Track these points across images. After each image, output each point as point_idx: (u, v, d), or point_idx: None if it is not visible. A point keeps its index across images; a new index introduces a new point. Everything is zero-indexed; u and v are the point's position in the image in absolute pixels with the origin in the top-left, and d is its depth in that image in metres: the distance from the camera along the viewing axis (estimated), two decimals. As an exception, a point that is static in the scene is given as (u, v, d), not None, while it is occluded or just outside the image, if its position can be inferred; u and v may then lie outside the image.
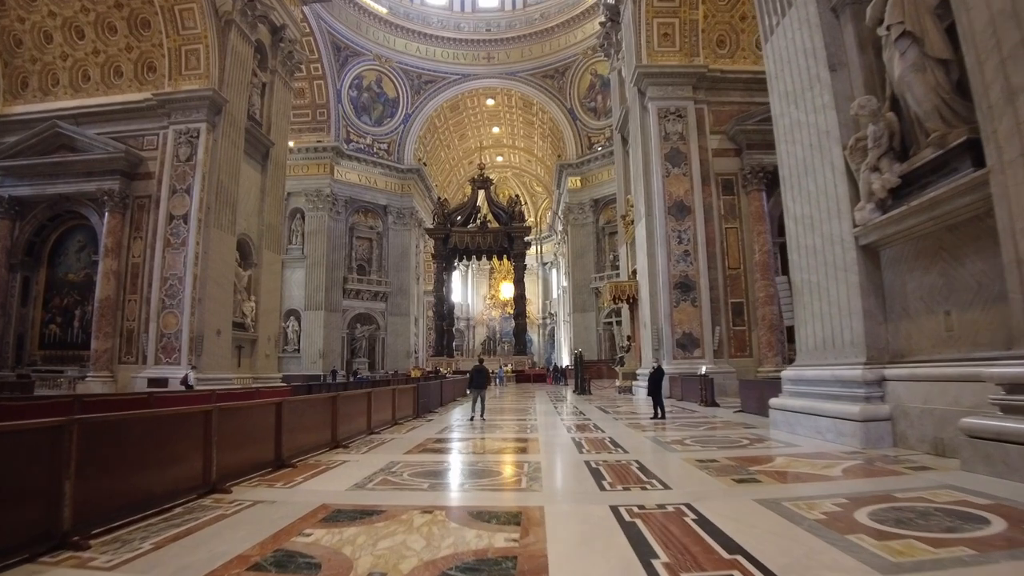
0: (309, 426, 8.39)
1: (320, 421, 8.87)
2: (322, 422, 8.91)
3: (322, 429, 8.88)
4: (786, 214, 11.04)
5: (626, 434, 10.56)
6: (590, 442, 9.48)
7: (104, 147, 23.67)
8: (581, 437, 10.17)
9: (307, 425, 8.32)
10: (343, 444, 9.24)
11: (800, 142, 10.36)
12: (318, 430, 8.74)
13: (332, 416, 9.16)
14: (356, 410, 10.46)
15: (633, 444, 9.17)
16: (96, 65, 25.70)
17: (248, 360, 25.90)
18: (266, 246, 27.62)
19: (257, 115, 27.85)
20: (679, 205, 22.19)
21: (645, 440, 9.68)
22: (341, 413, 9.39)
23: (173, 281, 22.44)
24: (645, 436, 10.14)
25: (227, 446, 6.29)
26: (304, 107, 48.15)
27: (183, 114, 23.81)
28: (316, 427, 8.66)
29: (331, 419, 9.14)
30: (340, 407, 9.37)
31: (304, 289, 46.09)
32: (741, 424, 11.77)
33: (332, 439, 9.09)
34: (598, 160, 50.98)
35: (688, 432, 10.63)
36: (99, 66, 25.68)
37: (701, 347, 21.30)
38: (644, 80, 23.13)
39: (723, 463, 7.13)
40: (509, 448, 9.39)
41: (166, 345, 22.05)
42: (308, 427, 8.33)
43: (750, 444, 8.93)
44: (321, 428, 8.85)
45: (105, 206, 23.65)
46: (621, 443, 9.26)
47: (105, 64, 25.67)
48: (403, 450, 8.93)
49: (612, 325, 50.17)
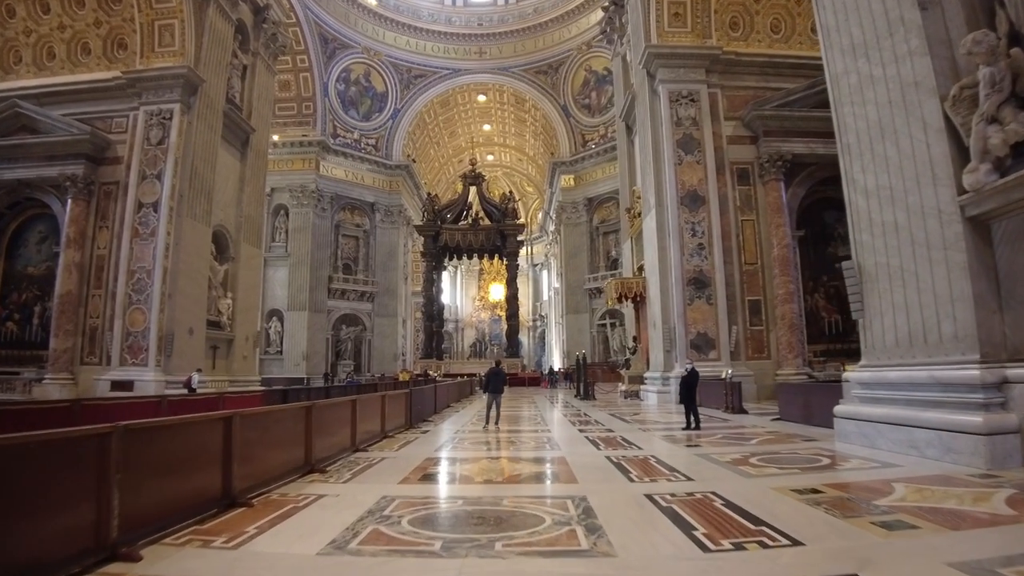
0: (275, 445, 6.55)
1: (290, 438, 6.97)
2: (292, 439, 7.02)
3: (293, 448, 7.00)
4: (851, 188, 9.39)
5: (668, 450, 8.83)
6: (632, 463, 7.67)
7: (68, 128, 21.68)
8: (617, 456, 8.32)
9: (272, 444, 6.48)
10: (320, 467, 7.39)
11: (873, 101, 8.74)
12: (287, 449, 6.86)
13: (306, 431, 7.24)
14: (337, 422, 8.55)
15: (687, 465, 7.41)
16: (62, 41, 23.70)
17: (224, 361, 23.98)
18: (245, 239, 25.74)
19: (237, 99, 25.98)
20: (692, 195, 20.58)
21: (698, 459, 7.94)
22: (318, 427, 7.51)
23: (141, 275, 20.50)
24: (694, 453, 8.40)
25: (140, 482, 4.34)
26: (289, 100, 46.32)
27: (155, 94, 21.90)
28: (285, 446, 6.80)
29: (305, 435, 7.22)
30: (316, 419, 7.47)
31: (287, 288, 44.08)
32: (796, 436, 10.10)
33: (306, 461, 7.21)
34: (592, 158, 49.65)
35: (741, 447, 8.91)
36: (65, 42, 23.68)
37: (717, 348, 19.68)
38: (654, 61, 21.53)
39: (829, 494, 5.45)
40: (534, 473, 7.53)
41: (132, 344, 20.09)
42: (273, 446, 6.50)
43: (832, 464, 7.26)
44: (291, 446, 6.97)
45: (68, 193, 21.64)
46: (672, 464, 7.47)
47: (72, 40, 23.67)
48: (398, 477, 7.05)
49: (607, 327, 48.74)
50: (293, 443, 7.01)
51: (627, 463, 7.63)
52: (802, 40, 23.33)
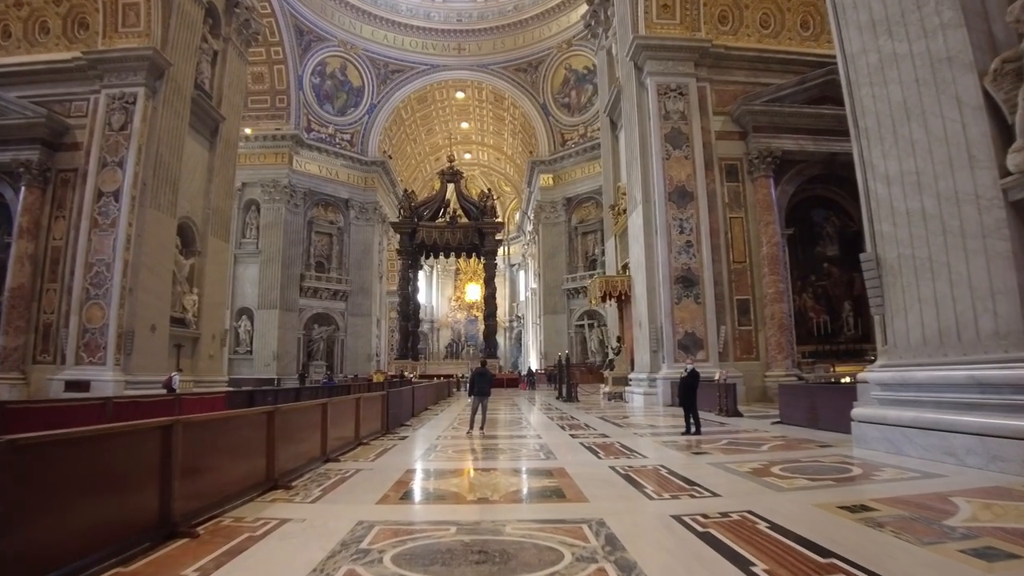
0: (229, 457, 5.59)
1: (248, 448, 5.95)
2: (251, 450, 6.00)
3: (252, 460, 5.98)
4: (869, 176, 8.76)
5: (677, 459, 8.03)
6: (643, 475, 6.83)
7: (22, 111, 20.28)
8: (623, 466, 7.45)
9: (226, 456, 5.53)
10: (285, 482, 6.38)
11: (897, 81, 8.10)
12: (245, 462, 5.85)
13: (268, 440, 6.21)
14: (305, 429, 7.51)
15: (705, 476, 6.54)
16: (18, 20, 22.28)
17: (189, 361, 22.76)
18: (212, 232, 24.54)
19: (206, 85, 24.80)
20: (680, 191, 19.97)
21: (713, 469, 7.10)
22: (283, 434, 6.49)
23: (100, 268, 19.25)
24: (706, 462, 7.58)
25: (39, 510, 3.36)
26: (263, 92, 45.01)
27: (118, 76, 20.65)
28: (242, 458, 5.80)
29: (267, 444, 6.20)
30: (281, 426, 6.43)
31: (258, 286, 42.66)
32: (808, 441, 9.41)
33: (268, 475, 6.17)
34: (572, 157, 49.15)
35: (754, 455, 8.19)
36: (22, 21, 22.26)
37: (705, 349, 19.07)
38: (642, 53, 20.90)
39: (885, 513, 4.70)
40: (534, 488, 6.49)
41: (89, 342, 18.83)
42: (228, 459, 5.55)
43: (866, 474, 6.53)
44: (250, 458, 5.95)
45: (21, 180, 20.26)
46: (687, 475, 6.68)
47: (29, 19, 22.26)
48: (376, 494, 6.01)
49: (585, 328, 48.23)
50: (252, 454, 5.99)
51: (636, 475, 6.81)
52: (791, 36, 22.96)
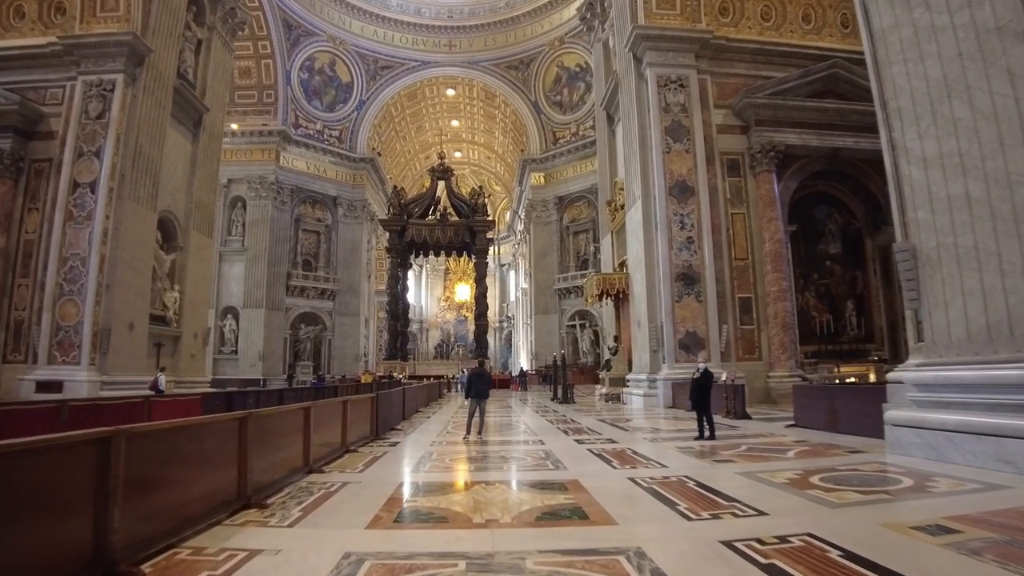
0: (190, 473, 4.72)
1: (215, 461, 5.09)
2: (219, 462, 5.13)
3: (219, 474, 5.11)
4: (902, 160, 8.12)
5: (700, 468, 7.27)
6: (670, 488, 6.01)
7: (-8, 98, 19.39)
8: (644, 478, 6.62)
9: (185, 472, 4.67)
10: (259, 500, 5.50)
11: (935, 55, 7.47)
12: (211, 477, 4.98)
13: (240, 450, 5.36)
14: (285, 435, 6.63)
15: (741, 490, 5.76)
16: (-9, 5, 21.35)
17: (170, 360, 21.82)
18: (195, 227, 23.64)
19: (190, 75, 23.91)
20: (681, 185, 19.34)
21: (746, 480, 6.36)
22: (257, 443, 5.63)
23: (75, 262, 18.32)
24: (735, 472, 6.85)
25: None
26: (249, 87, 44.11)
27: (95, 62, 19.74)
28: (206, 472, 4.95)
29: (238, 455, 5.35)
30: (255, 434, 5.56)
31: (243, 285, 41.66)
32: (834, 447, 8.72)
33: (239, 491, 5.30)
34: (563, 156, 48.58)
35: (784, 463, 7.47)
36: (-5, 6, 21.33)
37: (707, 349, 18.41)
38: (641, 44, 20.26)
39: (972, 535, 3.99)
40: (551, 507, 5.38)
41: (63, 340, 17.90)
42: (187, 476, 4.68)
43: (920, 486, 5.81)
44: (217, 472, 5.09)
45: (-7, 170, 19.36)
46: (720, 488, 5.94)
47: (3, 3, 21.19)
48: (365, 515, 5.10)
49: (576, 328, 47.64)
50: (220, 468, 5.13)
51: (662, 488, 6.05)
52: (793, 29, 22.42)
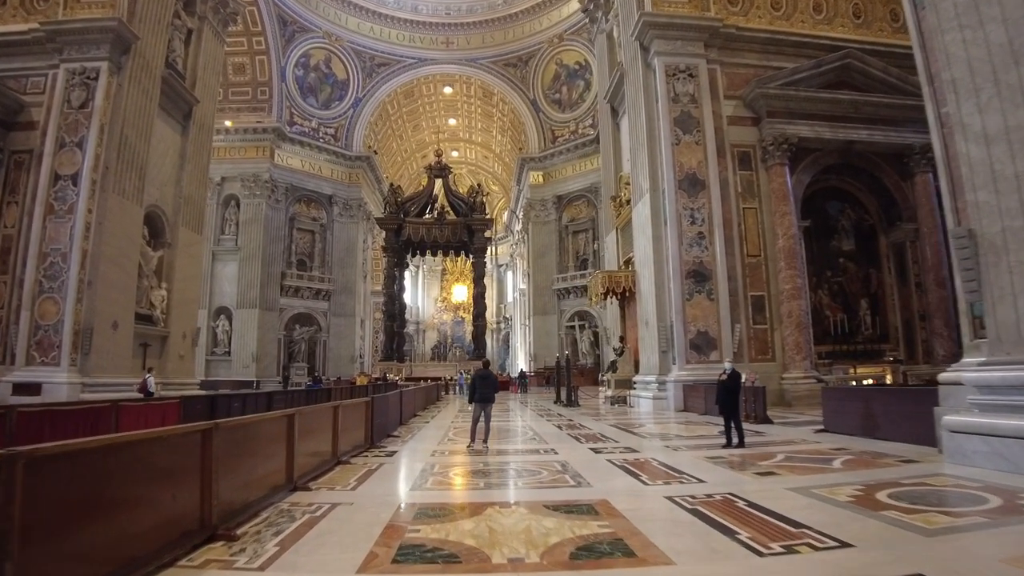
0: (136, 499, 3.75)
1: (172, 482, 4.10)
2: (176, 484, 4.14)
3: (175, 499, 4.08)
4: (958, 137, 7.33)
5: (745, 484, 6.31)
6: (721, 511, 5.11)
7: (-29, 87, 18.50)
8: (684, 496, 5.72)
9: (130, 498, 3.68)
10: (228, 529, 4.53)
11: (998, 19, 6.71)
12: (165, 503, 3.98)
13: (203, 469, 4.38)
14: (262, 448, 5.66)
15: (805, 512, 4.98)
16: (-30, -10, 20.45)
17: (157, 361, 20.91)
18: (184, 223, 22.73)
19: (179, 65, 23.02)
20: (691, 178, 18.55)
21: (804, 499, 5.49)
22: (227, 460, 4.70)
23: (55, 258, 17.43)
24: (786, 488, 5.98)
25: None
26: (244, 84, 43.32)
27: (79, 49, 18.86)
28: (158, 497, 3.94)
29: (200, 477, 4.37)
30: (224, 448, 4.64)
31: (237, 284, 40.82)
32: (881, 455, 7.91)
33: (202, 520, 4.29)
34: (562, 154, 47.88)
35: (834, 476, 6.63)
36: (-26, -9, 20.43)
37: (719, 349, 17.63)
38: (648, 32, 19.48)
39: None
40: (585, 538, 4.41)
41: (42, 340, 16.99)
42: (131, 503, 3.69)
43: (1013, 506, 4.99)
44: (173, 497, 4.06)
45: (-31, 162, 18.47)
46: (780, 511, 5.03)
47: (-18, -11, 20.44)
48: (356, 554, 4.12)
49: (575, 329, 46.84)
50: (177, 492, 4.12)
51: (710, 510, 5.14)
52: (804, 19, 21.68)
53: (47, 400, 15.15)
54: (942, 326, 19.87)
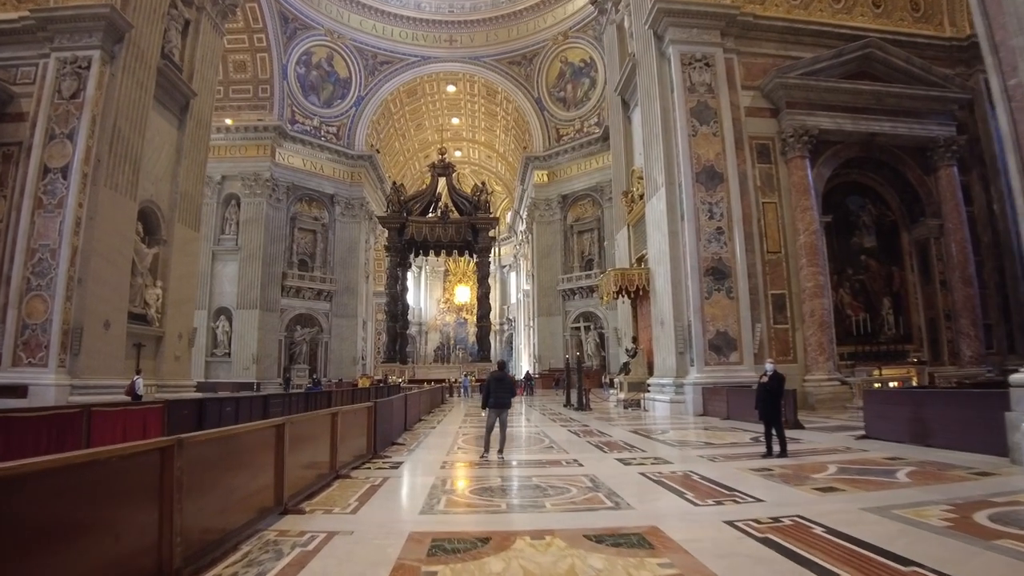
0: (68, 535, 2.87)
1: (118, 514, 3.25)
2: (127, 515, 3.32)
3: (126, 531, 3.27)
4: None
5: (813, 504, 5.47)
6: (795, 539, 4.32)
7: (-43, 77, 17.78)
8: (745, 521, 4.86)
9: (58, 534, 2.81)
10: (193, 573, 3.73)
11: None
12: (112, 536, 3.15)
13: (162, 496, 3.53)
14: (246, 463, 4.82)
15: (896, 540, 4.19)
16: (-42, -22, 19.72)
17: (151, 362, 20.13)
18: (180, 220, 21.96)
19: (175, 56, 22.27)
20: (709, 171, 17.76)
21: (891, 523, 4.64)
22: (195, 482, 3.83)
23: (44, 254, 16.65)
24: (860, 507, 5.13)
25: None
26: (245, 81, 42.73)
27: (70, 38, 18.13)
28: (101, 531, 3.09)
29: (160, 503, 3.51)
30: (191, 470, 3.76)
31: (237, 285, 40.13)
32: (948, 466, 7.11)
33: (160, 562, 3.45)
34: (567, 153, 47.18)
35: (907, 492, 5.82)
36: (-38, -21, 19.71)
37: (739, 350, 16.83)
38: (663, 19, 18.69)
39: None
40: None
41: (29, 340, 16.20)
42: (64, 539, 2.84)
43: None
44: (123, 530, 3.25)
45: (-44, 154, 17.72)
46: (866, 539, 4.23)
47: (-29, -23, 19.72)
48: None
49: (580, 331, 46.03)
50: (122, 529, 3.23)
51: (786, 539, 4.27)
52: (822, 8, 20.95)
53: (34, 404, 14.41)
54: (969, 326, 19.06)
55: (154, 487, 3.50)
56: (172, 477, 3.56)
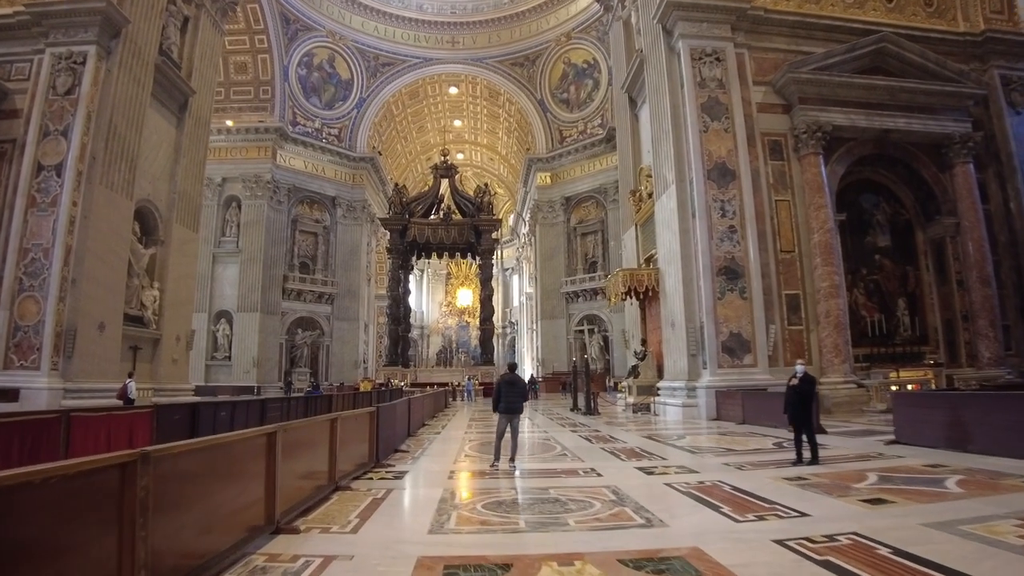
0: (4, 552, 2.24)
1: (65, 548, 2.58)
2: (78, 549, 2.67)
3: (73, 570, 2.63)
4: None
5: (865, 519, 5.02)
6: (859, 561, 3.82)
7: (-50, 73, 17.39)
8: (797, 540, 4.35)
9: None
10: None
11: None
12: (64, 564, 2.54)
13: (121, 521, 2.91)
14: (232, 477, 4.28)
15: (974, 560, 3.75)
16: (-48, -27, 19.33)
17: (148, 365, 19.67)
18: (178, 220, 21.52)
19: (174, 53, 21.86)
20: (721, 168, 17.29)
21: (969, 543, 4.21)
22: (169, 502, 3.31)
23: (37, 254, 16.25)
24: (921, 523, 4.58)
25: None
26: (246, 83, 42.38)
27: (65, 33, 17.79)
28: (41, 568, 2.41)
29: (119, 530, 2.89)
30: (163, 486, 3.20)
31: (237, 288, 39.68)
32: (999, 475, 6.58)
33: None
34: (571, 155, 46.77)
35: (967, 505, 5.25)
36: (-45, -26, 19.32)
37: (753, 352, 16.32)
38: (672, 14, 18.26)
39: None
40: None
41: (21, 342, 15.77)
42: None
43: None
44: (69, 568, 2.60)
45: (-51, 152, 17.32)
46: (954, 566, 3.66)
47: (-36, -29, 19.33)
48: None
49: (584, 334, 45.48)
50: (68, 567, 2.64)
51: (851, 563, 3.78)
52: (834, 1, 20.53)
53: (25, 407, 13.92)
54: (987, 326, 18.55)
55: (115, 511, 2.92)
56: (135, 499, 2.97)
